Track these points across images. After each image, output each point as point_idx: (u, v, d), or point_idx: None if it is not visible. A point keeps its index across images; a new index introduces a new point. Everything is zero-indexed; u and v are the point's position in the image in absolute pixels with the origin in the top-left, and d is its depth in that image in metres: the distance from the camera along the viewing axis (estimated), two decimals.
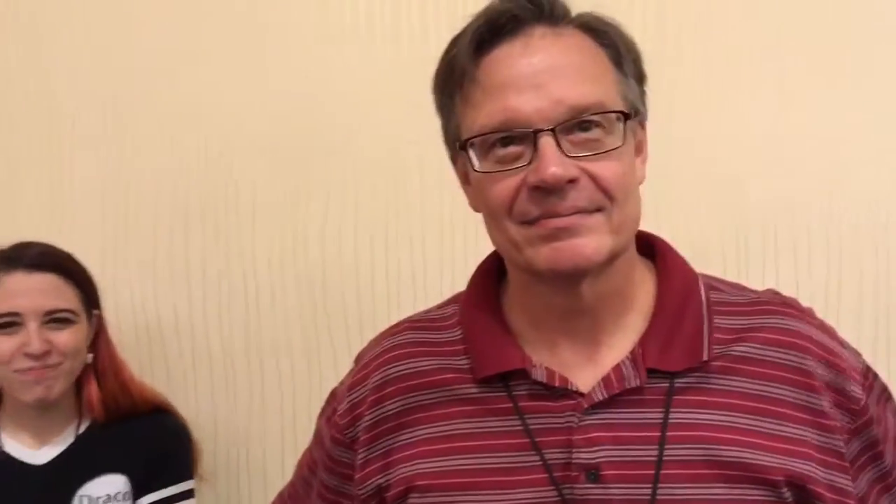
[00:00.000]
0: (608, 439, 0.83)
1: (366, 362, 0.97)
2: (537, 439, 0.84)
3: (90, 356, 1.46)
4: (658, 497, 0.81)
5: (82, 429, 1.45)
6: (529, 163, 0.81)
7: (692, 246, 1.42)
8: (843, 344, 0.90)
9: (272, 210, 1.62)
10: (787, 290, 0.95)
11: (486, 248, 1.49)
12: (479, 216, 0.89)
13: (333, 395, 1.00)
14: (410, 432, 0.90)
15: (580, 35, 0.85)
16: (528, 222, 0.82)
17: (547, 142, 0.80)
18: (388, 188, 1.58)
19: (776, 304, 0.91)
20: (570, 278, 0.84)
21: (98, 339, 1.48)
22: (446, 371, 0.91)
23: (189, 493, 1.49)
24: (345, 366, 1.01)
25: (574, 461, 0.83)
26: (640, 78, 0.88)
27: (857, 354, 0.90)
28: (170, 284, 1.65)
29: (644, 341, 0.86)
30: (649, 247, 0.93)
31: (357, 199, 1.59)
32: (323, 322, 1.61)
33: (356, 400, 0.95)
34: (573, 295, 0.85)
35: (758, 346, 0.86)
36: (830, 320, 0.93)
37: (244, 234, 1.63)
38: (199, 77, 1.63)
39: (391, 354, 0.95)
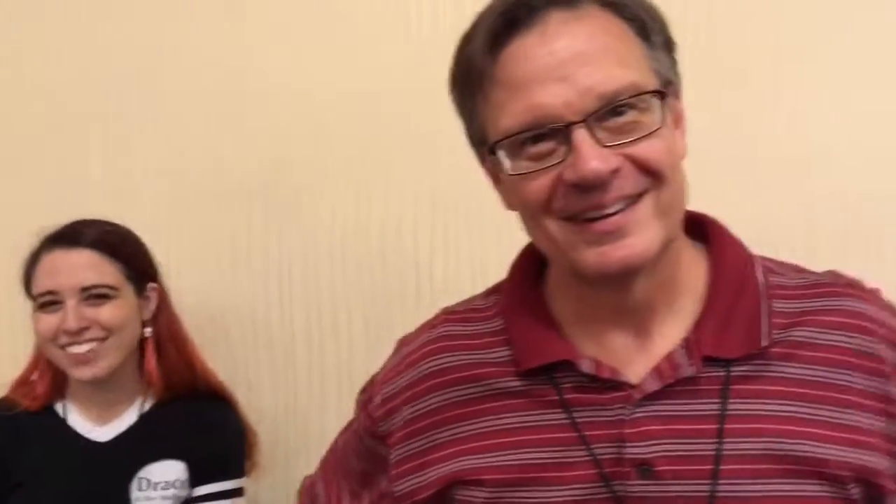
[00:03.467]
0: (662, 432, 0.79)
1: (404, 355, 0.94)
2: (585, 433, 0.81)
3: (148, 330, 1.46)
4: (718, 494, 0.77)
5: (146, 407, 1.46)
6: (564, 159, 0.76)
7: (758, 238, 1.41)
8: None
9: (334, 196, 1.62)
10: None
11: None
12: None
13: (372, 382, 0.98)
14: (449, 430, 0.87)
15: (601, 13, 0.79)
16: (570, 218, 0.78)
17: (581, 135, 0.75)
18: (452, 177, 1.54)
19: (840, 285, 0.85)
20: (621, 279, 0.80)
21: (158, 313, 1.48)
22: (485, 365, 0.87)
23: (240, 492, 1.49)
24: None
25: (626, 456, 0.79)
26: (669, 46, 0.82)
27: None
28: (231, 269, 1.66)
29: (698, 327, 0.82)
30: (700, 227, 0.88)
31: (418, 189, 1.58)
32: (383, 309, 1.60)
33: (390, 393, 0.92)
34: (623, 293, 0.81)
35: (820, 329, 0.81)
36: None
37: (306, 220, 1.63)
38: (265, 62, 1.63)
39: (429, 349, 0.92)
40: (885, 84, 1.40)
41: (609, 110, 0.76)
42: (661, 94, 0.77)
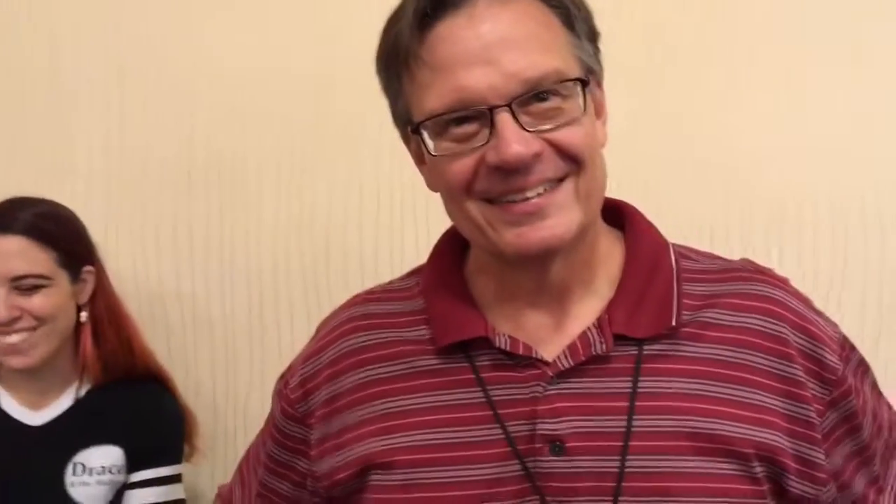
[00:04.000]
0: (573, 409, 0.80)
1: (322, 335, 0.94)
2: (500, 411, 0.82)
3: (84, 314, 1.43)
4: (627, 470, 0.79)
5: (82, 392, 1.43)
6: (487, 141, 0.77)
7: (698, 232, 1.45)
8: (819, 313, 0.87)
9: (278, 179, 1.60)
10: (792, 278, 0.91)
11: None
12: None
13: (289, 367, 0.98)
14: (365, 408, 0.87)
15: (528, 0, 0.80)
16: (490, 200, 0.80)
17: (505, 119, 0.76)
18: (396, 163, 1.54)
19: (750, 270, 0.88)
20: (539, 260, 0.81)
21: (95, 295, 1.44)
22: (404, 343, 0.88)
23: (178, 478, 1.47)
24: None
25: (538, 433, 0.80)
26: (593, 36, 0.84)
27: (834, 325, 0.87)
28: (172, 252, 1.64)
29: (611, 307, 0.83)
30: (617, 214, 0.90)
31: (363, 172, 1.57)
32: (325, 294, 1.59)
33: (309, 373, 0.92)
34: (541, 273, 0.83)
35: (729, 311, 0.84)
36: (833, 308, 0.90)
37: (249, 203, 1.62)
38: (210, 43, 1.61)
39: (347, 327, 0.92)
40: (821, 88, 1.43)
41: (532, 95, 0.77)
42: (583, 82, 0.79)
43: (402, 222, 1.57)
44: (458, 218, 0.84)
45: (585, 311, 0.85)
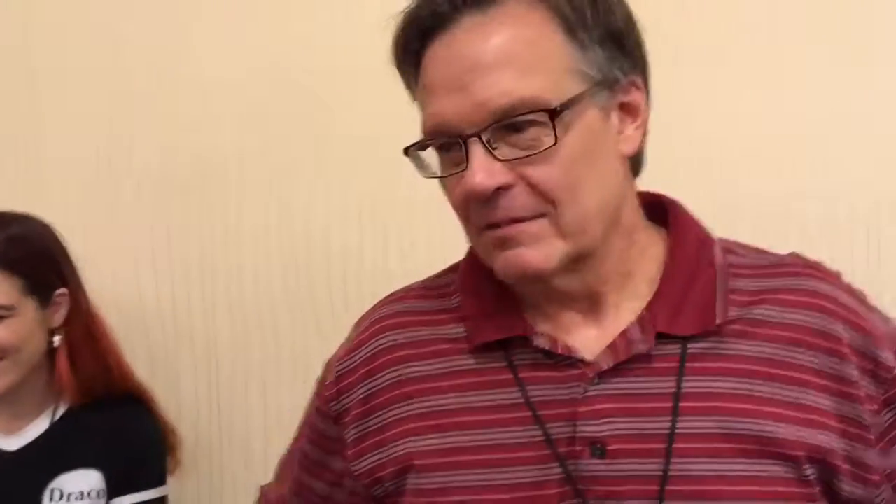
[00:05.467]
0: (616, 411, 0.78)
1: (359, 332, 0.92)
2: (540, 412, 0.79)
3: (57, 339, 1.37)
4: (671, 473, 0.76)
5: (58, 414, 1.39)
6: (465, 168, 0.76)
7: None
8: (872, 308, 0.84)
9: (257, 187, 1.57)
10: None
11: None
12: None
13: (327, 364, 0.95)
14: (402, 406, 0.85)
15: (517, 8, 0.76)
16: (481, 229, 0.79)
17: (474, 149, 0.75)
18: (376, 167, 1.52)
19: (801, 266, 0.84)
20: (533, 282, 0.80)
21: (71, 317, 1.39)
22: (441, 342, 0.86)
23: (163, 500, 1.43)
24: (330, 348, 0.96)
25: (578, 435, 0.77)
26: (611, 37, 0.78)
27: (890, 320, 0.84)
28: (151, 263, 1.61)
29: (653, 305, 0.81)
30: (660, 209, 0.87)
31: (344, 178, 1.54)
32: (308, 303, 1.56)
33: (343, 371, 0.90)
34: (552, 290, 0.81)
35: (779, 307, 0.80)
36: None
37: (229, 212, 1.59)
38: (187, 50, 1.59)
39: (384, 324, 0.90)
40: (810, 88, 1.41)
41: (508, 125, 0.74)
42: (551, 113, 0.74)
43: (385, 228, 1.53)
44: (467, 236, 0.84)
45: (625, 311, 0.82)
